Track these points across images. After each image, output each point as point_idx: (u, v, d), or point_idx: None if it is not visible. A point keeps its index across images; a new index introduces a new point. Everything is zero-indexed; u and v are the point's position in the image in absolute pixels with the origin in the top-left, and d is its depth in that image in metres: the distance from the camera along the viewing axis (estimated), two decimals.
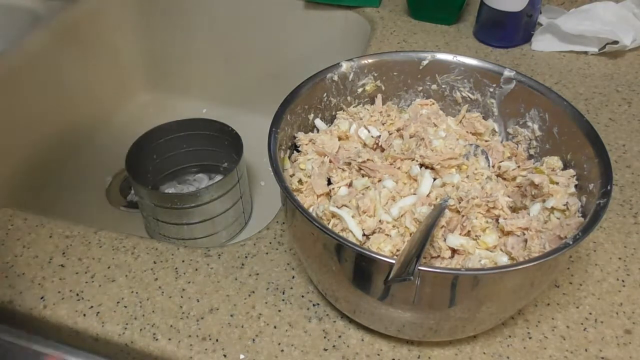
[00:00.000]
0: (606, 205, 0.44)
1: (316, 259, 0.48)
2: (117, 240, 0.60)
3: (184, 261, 0.58)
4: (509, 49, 0.88)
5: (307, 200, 0.52)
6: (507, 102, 0.58)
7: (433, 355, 0.50)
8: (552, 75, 0.83)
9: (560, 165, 0.53)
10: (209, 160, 0.82)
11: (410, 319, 0.46)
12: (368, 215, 0.49)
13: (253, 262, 0.58)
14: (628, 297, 0.54)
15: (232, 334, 0.51)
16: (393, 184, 0.52)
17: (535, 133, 0.56)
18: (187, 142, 0.79)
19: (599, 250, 0.58)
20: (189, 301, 0.54)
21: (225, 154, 0.80)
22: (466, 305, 0.44)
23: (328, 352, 0.50)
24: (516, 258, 0.47)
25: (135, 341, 0.51)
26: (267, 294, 0.55)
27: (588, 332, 0.52)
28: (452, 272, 0.42)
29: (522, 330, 0.52)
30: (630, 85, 0.80)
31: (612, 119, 0.75)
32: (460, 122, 0.60)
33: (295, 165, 0.55)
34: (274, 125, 0.51)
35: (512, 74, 0.56)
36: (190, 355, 0.50)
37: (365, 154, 0.54)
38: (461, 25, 0.94)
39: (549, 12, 0.90)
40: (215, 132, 0.76)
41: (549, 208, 0.49)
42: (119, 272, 0.57)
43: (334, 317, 0.53)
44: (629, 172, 0.67)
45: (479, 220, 0.48)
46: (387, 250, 0.47)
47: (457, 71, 0.59)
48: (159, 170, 0.80)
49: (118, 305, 0.54)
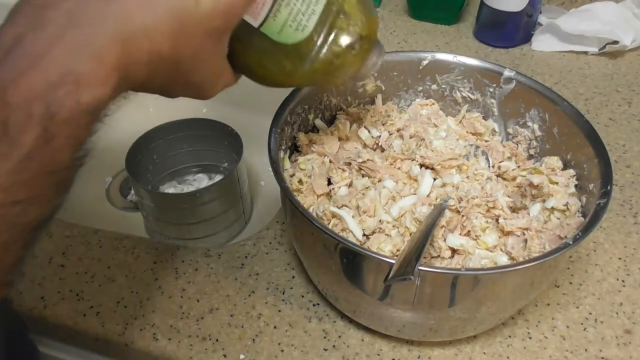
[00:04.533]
0: (606, 205, 0.44)
1: (316, 259, 0.48)
2: (117, 240, 0.60)
3: (184, 261, 0.58)
4: (509, 49, 0.88)
5: (307, 200, 0.52)
6: (507, 102, 0.58)
7: (433, 355, 0.50)
8: (552, 75, 0.83)
9: (560, 165, 0.53)
10: (209, 160, 0.82)
11: (410, 319, 0.46)
12: (368, 215, 0.49)
13: (253, 262, 0.58)
14: (628, 297, 0.54)
15: (232, 334, 0.51)
16: (393, 184, 0.52)
17: (535, 133, 0.56)
18: (187, 142, 0.79)
19: (599, 250, 0.58)
20: (189, 301, 0.54)
21: (225, 154, 0.80)
22: (466, 305, 0.44)
23: (328, 352, 0.50)
24: (516, 258, 0.47)
25: (135, 341, 0.51)
26: (267, 294, 0.55)
27: (588, 332, 0.52)
28: (452, 272, 0.42)
29: (522, 330, 0.52)
30: (630, 85, 0.80)
31: (612, 119, 0.75)
32: (460, 122, 0.60)
33: (295, 165, 0.55)
34: (274, 125, 0.51)
35: (512, 74, 0.56)
36: (190, 355, 0.50)
37: (365, 154, 0.54)
38: (461, 25, 0.94)
39: (549, 12, 0.90)
40: (215, 132, 0.76)
41: (549, 208, 0.49)
42: (119, 272, 0.57)
43: (334, 317, 0.53)
44: (629, 172, 0.67)
45: (479, 220, 0.48)
46: (387, 250, 0.47)
47: (457, 71, 0.59)
48: (159, 170, 0.80)
49: (118, 305, 0.54)
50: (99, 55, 0.30)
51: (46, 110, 0.28)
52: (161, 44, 0.32)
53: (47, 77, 0.28)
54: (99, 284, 0.56)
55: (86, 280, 0.56)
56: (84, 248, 0.59)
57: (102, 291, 0.55)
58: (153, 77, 0.34)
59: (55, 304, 0.54)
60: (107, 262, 0.58)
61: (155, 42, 0.32)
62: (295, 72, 0.41)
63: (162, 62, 0.33)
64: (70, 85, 0.29)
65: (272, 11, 0.38)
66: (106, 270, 0.57)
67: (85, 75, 0.29)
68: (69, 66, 0.29)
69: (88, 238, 0.60)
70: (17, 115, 0.28)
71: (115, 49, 0.30)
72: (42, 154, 0.29)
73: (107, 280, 0.56)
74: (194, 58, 0.35)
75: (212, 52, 0.36)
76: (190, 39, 0.34)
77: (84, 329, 0.53)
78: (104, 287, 0.56)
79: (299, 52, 0.40)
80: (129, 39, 0.31)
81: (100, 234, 0.61)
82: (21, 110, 0.28)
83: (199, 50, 0.35)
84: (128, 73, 0.32)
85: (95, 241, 0.60)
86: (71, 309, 0.54)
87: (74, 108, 0.29)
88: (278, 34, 0.39)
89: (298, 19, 0.39)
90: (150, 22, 0.32)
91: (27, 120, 0.28)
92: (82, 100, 0.29)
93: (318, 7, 0.39)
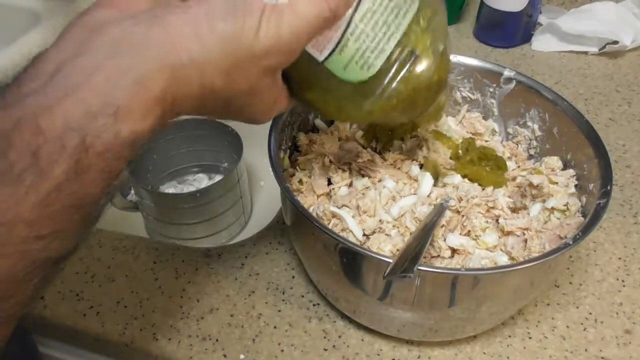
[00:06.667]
0: (606, 205, 0.44)
1: (316, 259, 0.48)
2: (117, 240, 0.60)
3: (184, 261, 0.58)
4: (509, 49, 0.88)
5: (307, 200, 0.52)
6: (507, 102, 0.58)
7: (433, 355, 0.50)
8: (552, 75, 0.83)
9: (560, 165, 0.53)
10: (209, 160, 0.82)
11: (410, 319, 0.46)
12: (368, 215, 0.49)
13: (253, 262, 0.58)
14: (628, 297, 0.54)
15: (232, 334, 0.51)
16: (393, 184, 0.52)
17: (535, 133, 0.56)
18: (187, 142, 0.79)
19: (599, 250, 0.58)
20: (189, 301, 0.54)
21: (225, 154, 0.80)
22: (466, 305, 0.44)
23: (328, 352, 0.50)
24: (516, 258, 0.47)
25: (135, 341, 0.51)
26: (267, 294, 0.55)
27: (588, 332, 0.51)
28: (452, 272, 0.42)
29: (522, 330, 0.52)
30: (630, 85, 0.80)
31: (612, 119, 0.75)
32: (460, 122, 0.60)
33: (295, 165, 0.55)
34: (274, 125, 0.51)
35: (512, 74, 0.56)
36: (190, 355, 0.50)
37: (365, 155, 0.54)
38: (461, 25, 0.94)
39: (549, 12, 0.90)
40: (215, 132, 0.76)
41: (549, 208, 0.49)
42: (119, 272, 0.57)
43: (334, 317, 0.53)
44: (629, 172, 0.67)
45: (479, 220, 0.48)
46: (387, 250, 0.47)
47: (457, 71, 0.59)
48: (159, 170, 0.80)
49: (118, 305, 0.54)
50: (142, 86, 0.28)
51: (81, 142, 0.26)
52: (213, 77, 0.30)
53: (84, 107, 0.27)
54: (99, 284, 0.56)
55: (86, 280, 0.56)
56: (84, 248, 0.59)
57: (102, 291, 0.55)
58: (203, 108, 0.32)
59: (55, 304, 0.54)
60: (107, 262, 0.58)
61: (206, 76, 0.30)
62: (355, 112, 0.38)
63: (214, 95, 0.31)
64: (108, 117, 0.27)
65: (339, 46, 0.35)
66: (106, 270, 0.57)
67: (125, 107, 0.27)
68: (109, 96, 0.27)
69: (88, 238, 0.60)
70: (49, 145, 0.26)
71: (161, 79, 0.28)
72: (72, 187, 0.27)
73: (107, 280, 0.56)
74: (250, 92, 0.33)
75: (269, 87, 0.34)
76: (246, 75, 0.31)
77: (84, 329, 0.53)
78: (104, 287, 0.56)
79: (361, 91, 0.37)
80: (177, 69, 0.29)
81: (100, 234, 0.61)
82: (54, 140, 0.26)
83: (255, 86, 0.32)
84: (175, 105, 0.30)
85: (95, 241, 0.60)
86: (71, 309, 0.54)
87: (111, 141, 0.27)
88: (343, 70, 0.36)
89: (366, 56, 0.36)
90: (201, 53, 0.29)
91: (59, 151, 0.26)
92: (120, 133, 0.27)
93: (389, 46, 0.36)
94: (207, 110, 0.33)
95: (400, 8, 0.36)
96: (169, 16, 0.30)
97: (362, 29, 0.35)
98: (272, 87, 0.35)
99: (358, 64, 0.36)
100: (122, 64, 0.28)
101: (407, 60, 0.37)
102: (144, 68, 0.28)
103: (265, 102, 0.35)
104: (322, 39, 0.35)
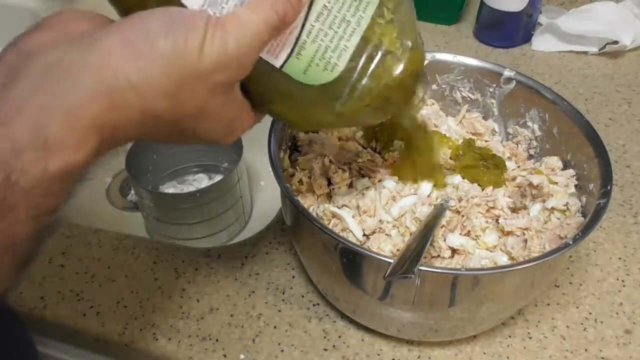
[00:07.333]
0: (606, 205, 0.44)
1: (316, 259, 0.48)
2: (117, 240, 0.60)
3: (184, 261, 0.58)
4: (509, 49, 0.88)
5: (307, 200, 0.52)
6: (507, 102, 0.58)
7: (433, 355, 0.50)
8: (552, 75, 0.83)
9: (560, 165, 0.53)
10: (209, 160, 0.82)
11: (410, 319, 0.46)
12: (368, 215, 0.49)
13: (253, 262, 0.58)
14: (628, 297, 0.54)
15: (232, 334, 0.51)
16: (393, 184, 0.52)
17: (535, 133, 0.56)
18: None
19: (599, 250, 0.58)
20: (189, 301, 0.54)
21: (225, 154, 0.80)
22: (466, 305, 0.44)
23: (328, 352, 0.50)
24: (516, 258, 0.47)
25: (135, 341, 0.51)
26: (267, 294, 0.55)
27: (588, 332, 0.52)
28: (452, 272, 0.42)
29: (522, 330, 0.52)
30: (630, 85, 0.80)
31: (612, 119, 0.75)
32: (460, 122, 0.60)
33: (295, 165, 0.55)
34: (274, 125, 0.51)
35: (512, 74, 0.56)
36: (190, 355, 0.50)
37: (365, 155, 0.54)
38: (461, 25, 0.94)
39: (549, 12, 0.90)
40: None
41: (549, 208, 0.49)
42: (119, 272, 0.57)
43: (334, 317, 0.53)
44: (629, 172, 0.67)
45: (479, 220, 0.48)
46: (387, 250, 0.47)
47: (457, 71, 0.59)
48: (159, 170, 0.80)
49: (118, 305, 0.54)
50: (74, 115, 0.26)
51: (5, 179, 0.24)
52: (155, 101, 0.28)
53: (10, 143, 0.24)
54: (99, 284, 0.56)
55: (86, 280, 0.56)
56: (84, 248, 0.59)
57: (102, 291, 0.55)
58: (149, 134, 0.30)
59: (55, 304, 0.54)
60: (107, 262, 0.58)
61: (148, 99, 0.28)
62: (325, 117, 0.36)
63: (158, 120, 0.29)
64: (36, 152, 0.25)
65: (296, 48, 0.33)
66: (106, 270, 0.57)
67: (56, 138, 0.25)
68: (38, 129, 0.25)
69: (88, 238, 0.60)
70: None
71: (96, 106, 0.26)
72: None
73: (107, 280, 0.56)
74: (200, 114, 0.30)
75: (221, 105, 0.31)
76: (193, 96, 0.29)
77: (84, 329, 0.53)
78: (104, 287, 0.56)
79: (328, 94, 0.34)
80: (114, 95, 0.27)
81: (100, 234, 0.61)
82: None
83: (205, 106, 0.30)
84: (115, 133, 0.28)
85: (95, 241, 0.60)
86: (71, 309, 0.54)
87: (39, 177, 0.25)
88: (303, 73, 0.33)
89: (327, 56, 0.33)
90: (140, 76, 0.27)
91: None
92: (49, 167, 0.25)
93: (351, 43, 0.34)
94: (154, 135, 0.31)
95: (359, 2, 0.34)
96: (105, 38, 0.27)
97: (319, 28, 0.33)
98: (227, 105, 0.32)
99: (320, 66, 0.34)
100: (53, 93, 0.26)
101: (374, 55, 0.34)
102: (77, 96, 0.26)
103: (223, 122, 0.32)
104: (277, 43, 0.33)
